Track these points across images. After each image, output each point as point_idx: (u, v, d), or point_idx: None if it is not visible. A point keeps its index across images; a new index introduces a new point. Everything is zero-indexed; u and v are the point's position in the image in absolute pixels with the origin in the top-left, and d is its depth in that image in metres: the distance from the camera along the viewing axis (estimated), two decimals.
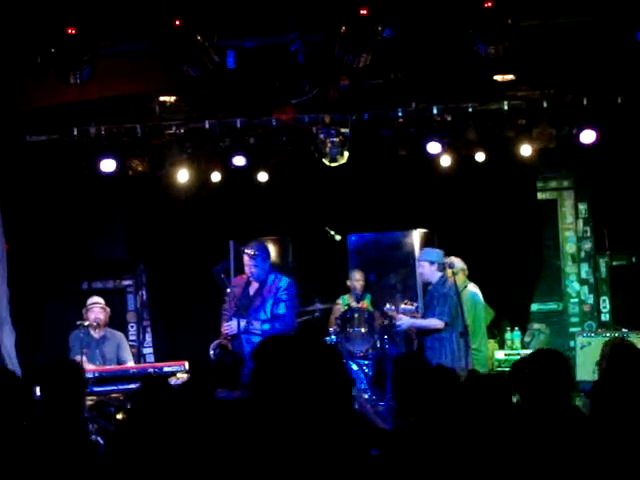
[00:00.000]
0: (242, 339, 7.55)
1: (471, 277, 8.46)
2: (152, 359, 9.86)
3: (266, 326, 7.56)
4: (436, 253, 8.08)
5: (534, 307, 10.09)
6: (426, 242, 9.59)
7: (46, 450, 3.79)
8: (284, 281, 7.77)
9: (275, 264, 9.24)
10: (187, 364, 7.38)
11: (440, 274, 7.92)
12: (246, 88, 7.74)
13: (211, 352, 7.67)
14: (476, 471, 3.46)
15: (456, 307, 7.78)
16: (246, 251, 7.74)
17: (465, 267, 8.41)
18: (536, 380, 3.67)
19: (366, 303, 9.18)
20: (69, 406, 4.08)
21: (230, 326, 7.55)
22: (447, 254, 8.24)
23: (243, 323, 7.53)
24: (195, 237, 9.61)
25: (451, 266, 7.90)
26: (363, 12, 5.96)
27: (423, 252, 8.23)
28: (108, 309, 8.25)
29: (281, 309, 7.65)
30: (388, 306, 8.27)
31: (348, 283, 9.25)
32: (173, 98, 8.33)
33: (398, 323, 8.17)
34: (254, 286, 7.79)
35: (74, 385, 4.18)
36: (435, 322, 7.79)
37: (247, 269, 7.74)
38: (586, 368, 8.43)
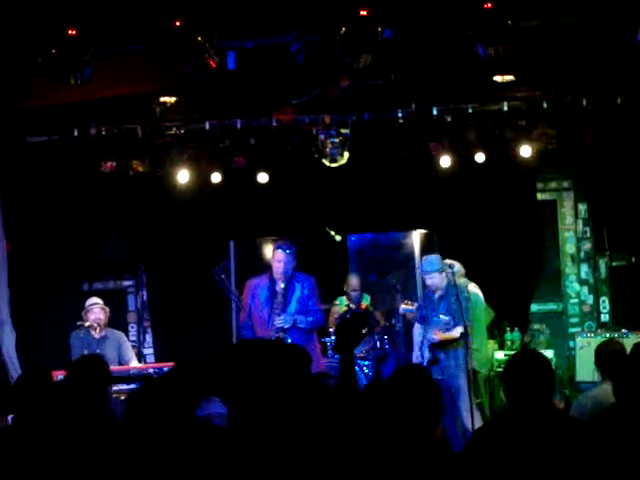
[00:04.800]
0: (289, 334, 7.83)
1: (471, 277, 8.46)
2: (152, 360, 9.87)
3: (310, 319, 7.88)
4: (439, 260, 8.04)
5: (534, 307, 10.10)
6: (426, 243, 9.61)
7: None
8: (309, 279, 8.03)
9: None
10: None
11: (447, 279, 7.90)
12: (246, 89, 7.74)
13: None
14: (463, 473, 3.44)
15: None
16: (281, 247, 7.86)
17: (463, 269, 8.37)
18: (514, 383, 3.60)
19: (365, 304, 9.19)
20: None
21: (285, 320, 7.74)
22: (447, 255, 8.23)
23: (292, 318, 7.80)
24: (195, 237, 9.63)
25: (451, 267, 7.90)
26: (363, 13, 5.96)
27: (428, 263, 8.05)
28: (107, 309, 8.24)
29: (313, 305, 7.97)
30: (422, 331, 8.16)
31: (345, 288, 9.25)
32: (173, 99, 8.32)
33: (435, 337, 8.06)
34: (280, 284, 7.89)
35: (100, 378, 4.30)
36: (461, 329, 7.75)
37: (281, 266, 7.85)
38: (586, 368, 8.43)
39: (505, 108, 8.53)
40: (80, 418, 3.97)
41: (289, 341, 7.67)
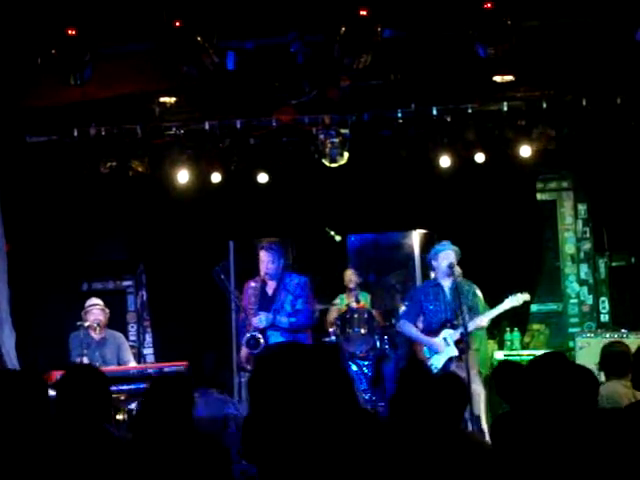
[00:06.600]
0: (267, 333, 7.70)
1: (470, 277, 8.45)
2: (152, 359, 9.87)
3: (292, 319, 7.72)
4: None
5: (534, 307, 10.08)
6: (426, 243, 9.60)
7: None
8: (299, 279, 7.92)
9: None
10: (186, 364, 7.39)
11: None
12: (246, 89, 7.74)
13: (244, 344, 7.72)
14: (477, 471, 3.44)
15: None
16: (264, 248, 7.82)
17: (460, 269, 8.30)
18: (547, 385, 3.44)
19: (364, 302, 9.18)
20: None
21: (260, 319, 7.65)
22: None
23: (271, 317, 7.66)
24: (195, 237, 9.62)
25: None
26: (363, 13, 5.97)
27: (441, 244, 7.93)
28: (107, 310, 8.23)
29: (299, 305, 7.80)
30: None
31: (345, 283, 9.26)
32: (173, 99, 8.33)
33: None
34: (271, 285, 7.86)
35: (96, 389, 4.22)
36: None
37: (264, 266, 7.78)
38: None
39: (505, 108, 8.52)
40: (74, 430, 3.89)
41: (262, 341, 7.61)
